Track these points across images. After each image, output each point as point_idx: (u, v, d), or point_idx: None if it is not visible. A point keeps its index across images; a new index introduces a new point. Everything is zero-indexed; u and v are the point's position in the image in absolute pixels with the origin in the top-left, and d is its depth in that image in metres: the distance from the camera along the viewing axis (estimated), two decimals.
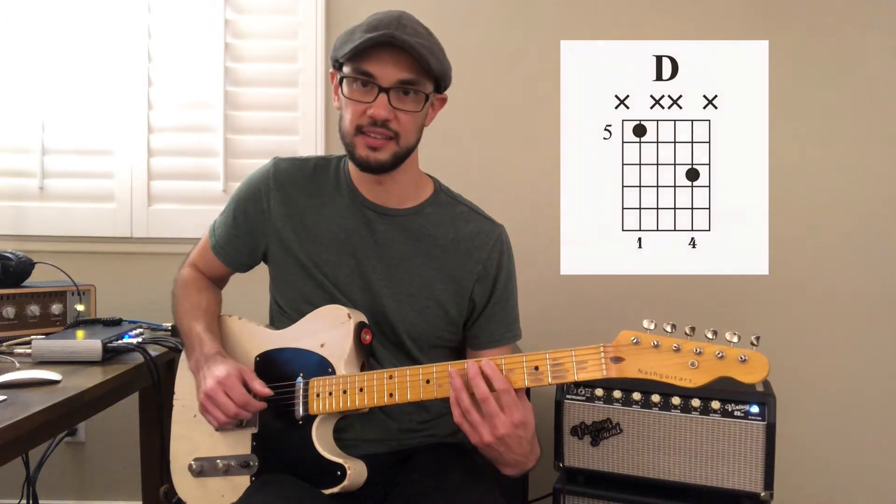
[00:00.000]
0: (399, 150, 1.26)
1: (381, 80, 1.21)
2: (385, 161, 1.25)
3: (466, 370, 1.12)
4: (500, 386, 1.09)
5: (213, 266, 1.48)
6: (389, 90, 1.21)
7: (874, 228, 2.14)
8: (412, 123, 1.26)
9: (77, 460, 2.29)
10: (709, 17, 2.15)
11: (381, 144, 1.24)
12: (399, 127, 1.24)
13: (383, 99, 1.21)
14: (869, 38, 2.12)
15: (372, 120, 1.22)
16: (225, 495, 1.30)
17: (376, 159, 1.25)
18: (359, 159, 1.26)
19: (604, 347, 1.08)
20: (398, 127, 1.24)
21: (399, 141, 1.25)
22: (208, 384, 1.25)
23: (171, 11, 2.22)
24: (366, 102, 1.22)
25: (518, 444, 1.11)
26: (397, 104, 1.22)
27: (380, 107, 1.21)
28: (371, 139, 1.23)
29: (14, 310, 1.78)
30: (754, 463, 1.55)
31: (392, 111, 1.22)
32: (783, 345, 2.11)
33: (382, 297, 1.33)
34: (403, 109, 1.23)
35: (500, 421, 1.08)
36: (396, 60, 1.20)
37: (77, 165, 2.25)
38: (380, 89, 1.21)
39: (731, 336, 1.03)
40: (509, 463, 1.14)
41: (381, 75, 1.21)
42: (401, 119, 1.24)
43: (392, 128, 1.23)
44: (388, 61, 1.20)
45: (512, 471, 1.16)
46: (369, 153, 1.24)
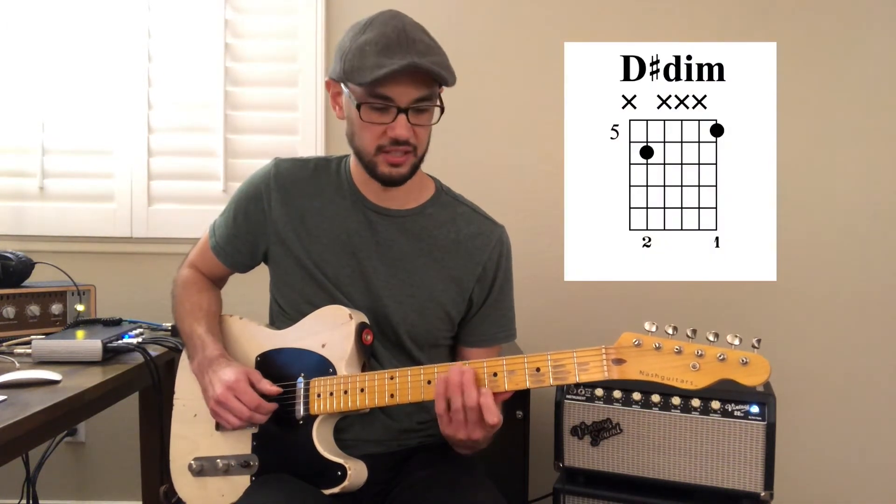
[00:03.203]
0: (417, 160, 1.29)
1: (400, 102, 1.21)
2: (406, 174, 1.28)
3: (448, 378, 1.14)
4: (483, 401, 1.12)
5: (213, 266, 1.47)
6: (408, 110, 1.22)
7: (877, 232, 2.14)
8: (427, 134, 1.29)
9: (77, 460, 2.29)
10: (712, 18, 2.15)
11: (403, 161, 1.26)
12: (417, 141, 1.25)
13: (403, 119, 1.22)
14: (880, 33, 2.12)
15: (393, 140, 1.23)
16: (225, 495, 1.30)
17: (400, 174, 1.27)
18: (382, 176, 1.27)
19: (605, 349, 1.09)
20: (416, 142, 1.25)
21: (417, 152, 1.27)
22: (218, 390, 1.25)
23: (171, 11, 2.22)
24: (384, 124, 1.22)
25: (485, 441, 1.19)
26: (415, 121, 1.23)
27: (401, 128, 1.22)
28: (393, 157, 1.25)
29: (14, 310, 1.78)
30: (754, 463, 1.55)
31: (411, 129, 1.23)
32: (783, 345, 2.12)
33: (383, 297, 1.33)
34: (421, 125, 1.25)
35: (477, 428, 1.14)
36: (413, 81, 1.20)
37: (77, 165, 2.25)
38: (398, 110, 1.21)
39: (733, 339, 1.03)
40: (469, 447, 1.22)
41: (398, 97, 1.21)
42: (418, 134, 1.25)
43: (411, 143, 1.24)
44: (406, 83, 1.20)
45: (466, 451, 1.25)
46: (392, 170, 1.26)
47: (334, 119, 1.97)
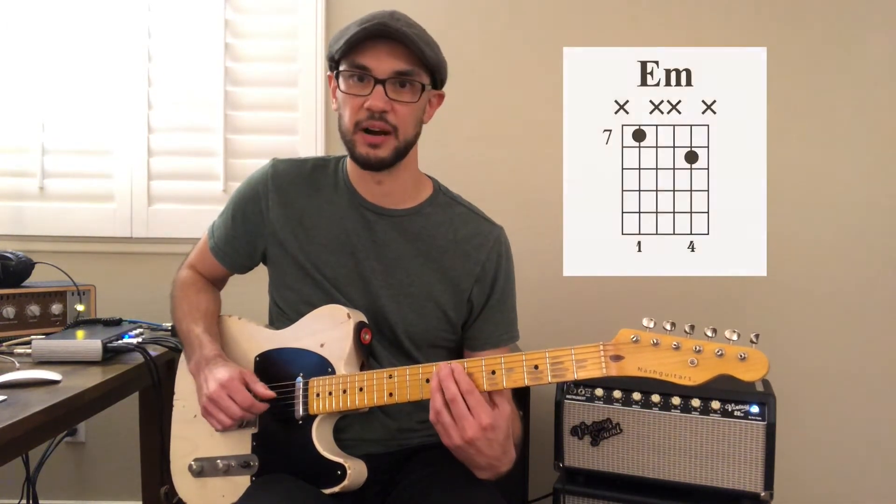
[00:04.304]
0: (399, 144, 1.26)
1: (377, 72, 1.22)
2: (385, 158, 1.26)
3: (438, 372, 1.13)
4: (464, 388, 1.10)
5: (212, 267, 1.48)
6: (385, 81, 1.22)
7: (871, 229, 2.14)
8: (410, 116, 1.26)
9: (77, 460, 2.29)
10: (709, 21, 2.16)
11: (380, 141, 1.24)
12: (397, 120, 1.24)
13: (379, 90, 1.22)
14: (868, 39, 2.12)
15: (370, 113, 1.22)
16: (225, 495, 1.30)
17: (377, 156, 1.25)
18: (359, 157, 1.26)
19: (603, 346, 1.08)
20: (396, 120, 1.24)
21: (398, 135, 1.25)
22: (211, 388, 1.25)
23: (171, 11, 2.23)
24: (362, 96, 1.22)
25: (488, 447, 1.11)
26: (394, 95, 1.23)
27: (377, 98, 1.21)
28: (371, 136, 1.24)
29: (14, 310, 1.78)
30: (754, 463, 1.55)
31: (389, 102, 1.22)
32: (783, 344, 2.12)
33: (381, 297, 1.33)
34: (400, 101, 1.24)
35: (469, 423, 1.09)
36: (391, 51, 1.21)
37: (77, 165, 2.25)
38: (376, 81, 1.22)
39: (731, 334, 1.03)
40: (481, 466, 1.15)
41: (376, 67, 1.21)
42: (398, 111, 1.24)
43: (390, 121, 1.23)
44: (383, 52, 1.21)
45: (485, 474, 1.17)
46: (369, 150, 1.25)
47: (334, 119, 1.96)
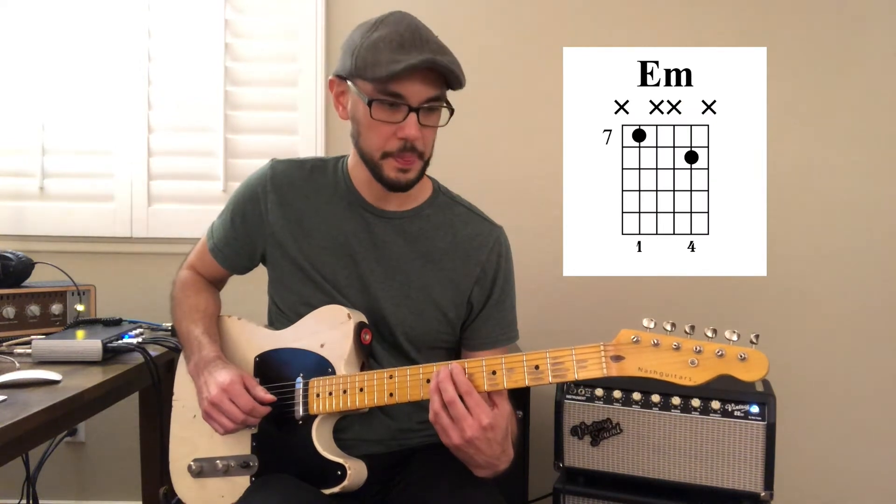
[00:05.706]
0: (424, 164, 1.27)
1: (411, 101, 1.19)
2: (414, 179, 1.26)
3: (437, 374, 1.13)
4: (463, 389, 1.11)
5: (212, 268, 1.47)
6: (419, 110, 1.20)
7: (872, 229, 2.14)
8: (433, 137, 1.27)
9: (77, 460, 2.29)
10: (709, 21, 2.15)
11: (410, 165, 1.24)
12: (424, 146, 1.24)
13: (413, 119, 1.20)
14: (867, 38, 2.12)
15: (403, 143, 1.21)
16: (224, 496, 1.30)
17: (407, 179, 1.25)
18: (388, 180, 1.25)
19: (604, 346, 1.08)
20: (423, 146, 1.24)
21: (423, 157, 1.26)
22: (212, 391, 1.24)
23: (171, 11, 2.22)
24: (394, 123, 1.20)
25: (487, 446, 1.12)
26: (424, 121, 1.21)
27: (411, 127, 1.19)
28: (400, 161, 1.23)
29: (14, 310, 1.78)
30: (754, 463, 1.55)
31: (420, 130, 1.21)
32: (783, 345, 2.12)
33: (380, 299, 1.33)
34: (429, 126, 1.23)
35: (468, 424, 1.10)
36: (426, 80, 1.19)
37: (77, 165, 2.25)
38: (409, 109, 1.19)
39: (731, 334, 1.03)
40: (481, 464, 1.16)
41: (410, 96, 1.19)
42: (426, 137, 1.23)
43: (418, 147, 1.23)
44: (419, 82, 1.18)
45: (484, 472, 1.18)
46: (399, 175, 1.24)
47: (334, 119, 1.96)
